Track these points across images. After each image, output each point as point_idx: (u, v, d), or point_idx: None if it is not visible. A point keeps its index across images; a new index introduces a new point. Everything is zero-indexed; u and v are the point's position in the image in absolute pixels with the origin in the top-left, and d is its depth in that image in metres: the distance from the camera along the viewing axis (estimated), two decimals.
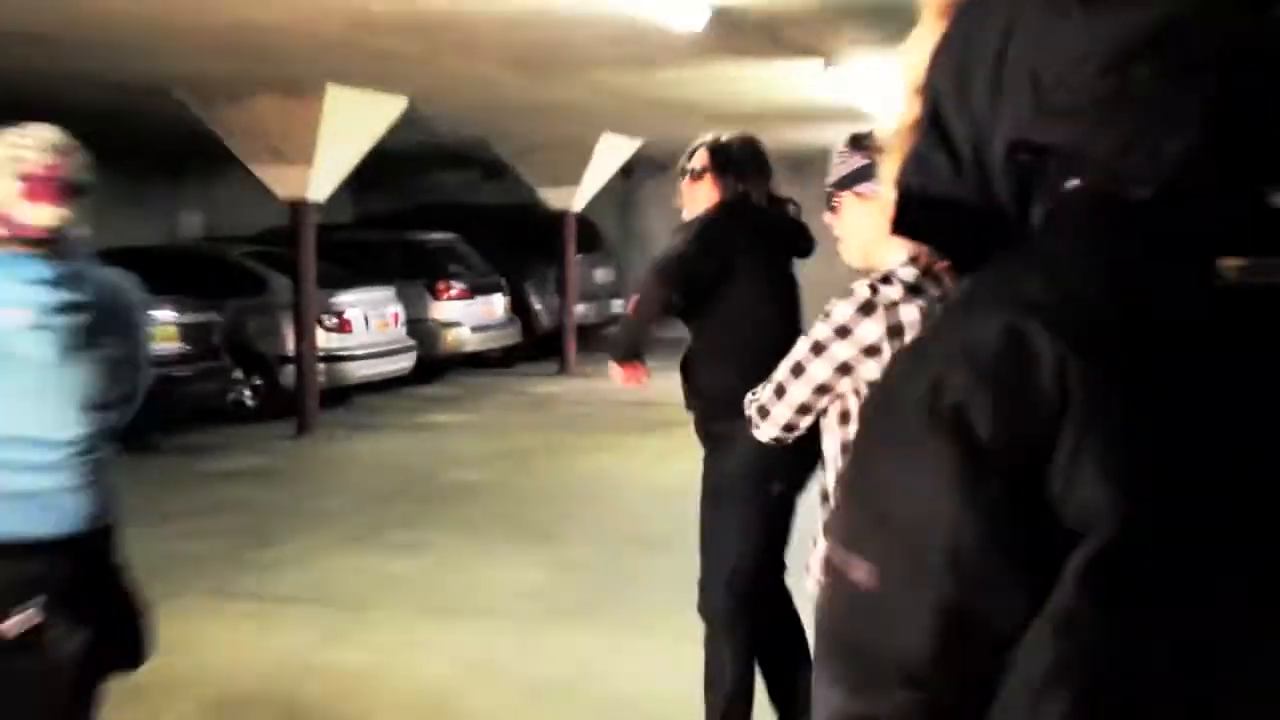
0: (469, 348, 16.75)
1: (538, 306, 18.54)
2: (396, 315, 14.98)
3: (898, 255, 3.25)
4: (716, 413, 4.67)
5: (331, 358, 13.50)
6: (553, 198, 17.51)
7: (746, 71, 10.95)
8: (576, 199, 17.49)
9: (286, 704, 5.77)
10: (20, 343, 3.17)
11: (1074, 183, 1.32)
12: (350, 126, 12.33)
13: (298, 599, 7.35)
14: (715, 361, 4.76)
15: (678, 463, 11.43)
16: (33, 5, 7.98)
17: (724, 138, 4.89)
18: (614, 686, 5.99)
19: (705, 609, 4.90)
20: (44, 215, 3.14)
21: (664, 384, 16.39)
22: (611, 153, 17.36)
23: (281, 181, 12.51)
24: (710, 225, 4.77)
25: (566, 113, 14.11)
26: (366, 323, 14.37)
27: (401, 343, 15.06)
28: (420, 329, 15.57)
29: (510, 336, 17.65)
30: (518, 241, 18.34)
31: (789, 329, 4.62)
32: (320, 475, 11.01)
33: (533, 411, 14.74)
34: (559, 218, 17.68)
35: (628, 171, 19.33)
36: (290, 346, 13.10)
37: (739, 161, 4.83)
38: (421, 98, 12.55)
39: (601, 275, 20.10)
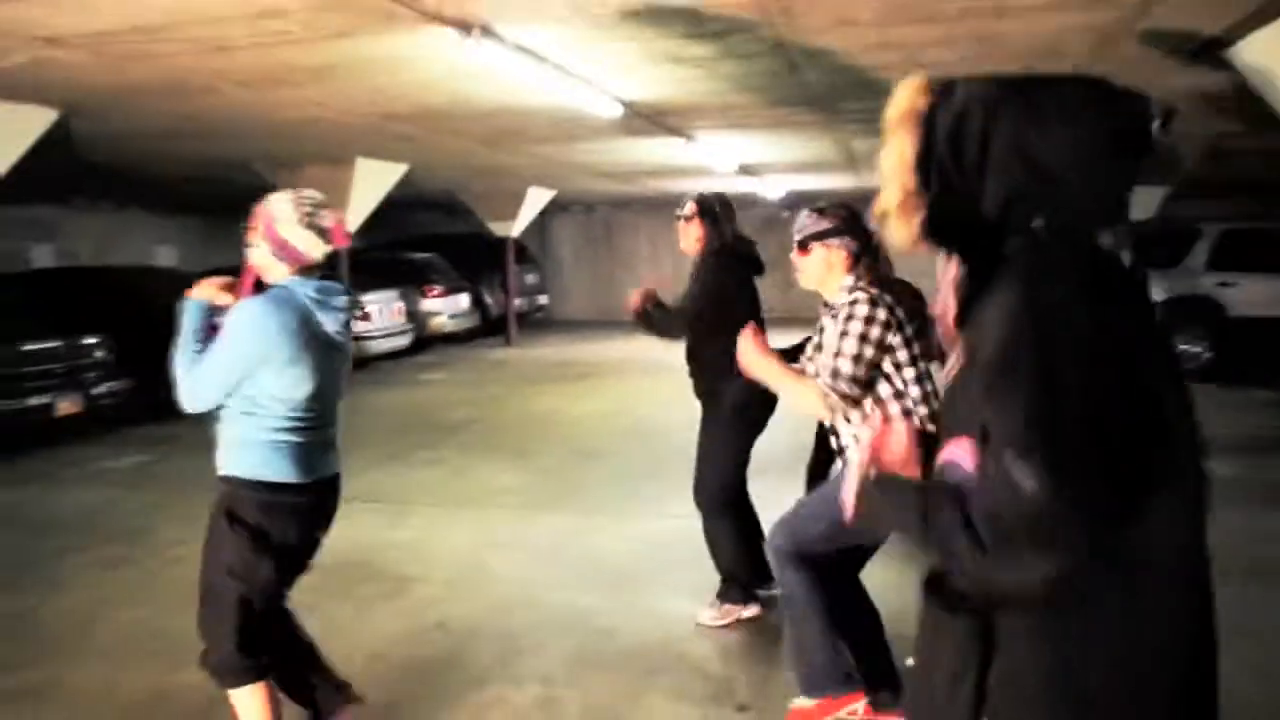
0: (447, 329, 16.60)
1: (489, 300, 18.47)
2: (399, 308, 14.81)
3: (843, 281, 3.59)
4: (716, 377, 4.70)
5: (359, 338, 13.32)
6: (498, 228, 17.39)
7: (634, 144, 10.96)
8: (514, 228, 17.40)
9: (371, 566, 5.74)
10: (339, 336, 3.21)
11: (1038, 221, 1.48)
12: (371, 185, 12.19)
13: (365, 498, 7.24)
14: (716, 345, 4.64)
15: (597, 402, 11.56)
16: (159, 109, 7.77)
17: (705, 193, 4.87)
18: (586, 548, 6.05)
19: (704, 501, 4.84)
20: (320, 252, 3.15)
21: (581, 350, 16.14)
22: (537, 198, 17.30)
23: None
24: (723, 261, 4.77)
25: (510, 172, 14.02)
26: (381, 314, 14.23)
27: (403, 327, 14.88)
28: (415, 317, 15.43)
29: (473, 321, 17.59)
30: (475, 257, 18.30)
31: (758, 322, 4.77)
32: (362, 415, 10.81)
33: (493, 371, 14.66)
34: (503, 241, 17.58)
35: (545, 211, 19.27)
36: None
37: (717, 209, 4.80)
38: (417, 165, 12.41)
39: (530, 279, 20.14)
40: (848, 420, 3.50)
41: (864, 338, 3.41)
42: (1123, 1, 5.34)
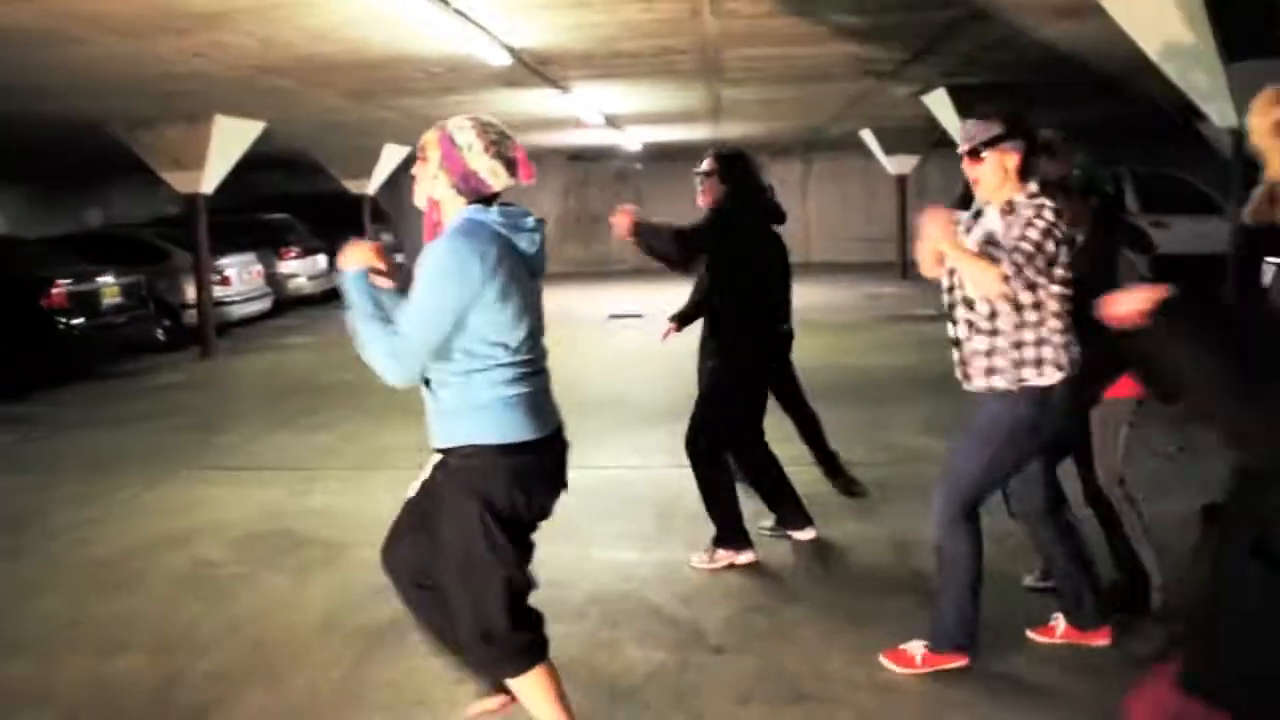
0: (305, 291, 15.99)
1: None
2: (258, 271, 14.18)
3: (1021, 187, 3.43)
4: (732, 329, 4.67)
5: (219, 303, 12.70)
6: (353, 186, 16.88)
7: (509, 95, 10.71)
8: (370, 186, 16.88)
9: (294, 534, 5.49)
10: (533, 263, 2.85)
11: None
12: (229, 144, 11.57)
13: (260, 467, 6.95)
14: (733, 298, 4.65)
15: None
16: (18, 62, 7.15)
17: (724, 150, 4.75)
18: None
19: (699, 449, 4.72)
20: (504, 183, 2.82)
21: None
22: (393, 155, 16.78)
23: (181, 182, 11.60)
24: (738, 212, 4.68)
25: (369, 129, 13.54)
26: (240, 277, 13.59)
27: (263, 290, 14.29)
28: (273, 280, 14.81)
29: (330, 283, 16.86)
30: (329, 217, 17.56)
31: (783, 275, 4.77)
32: (232, 383, 10.40)
33: None
34: (359, 200, 17.03)
35: (395, 169, 18.72)
36: (189, 297, 12.27)
37: (736, 162, 4.70)
38: (275, 122, 11.85)
39: (386, 238, 19.43)
40: (994, 313, 3.41)
41: (1048, 236, 3.32)
42: None
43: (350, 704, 3.64)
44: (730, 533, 4.73)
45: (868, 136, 18.09)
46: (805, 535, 5.00)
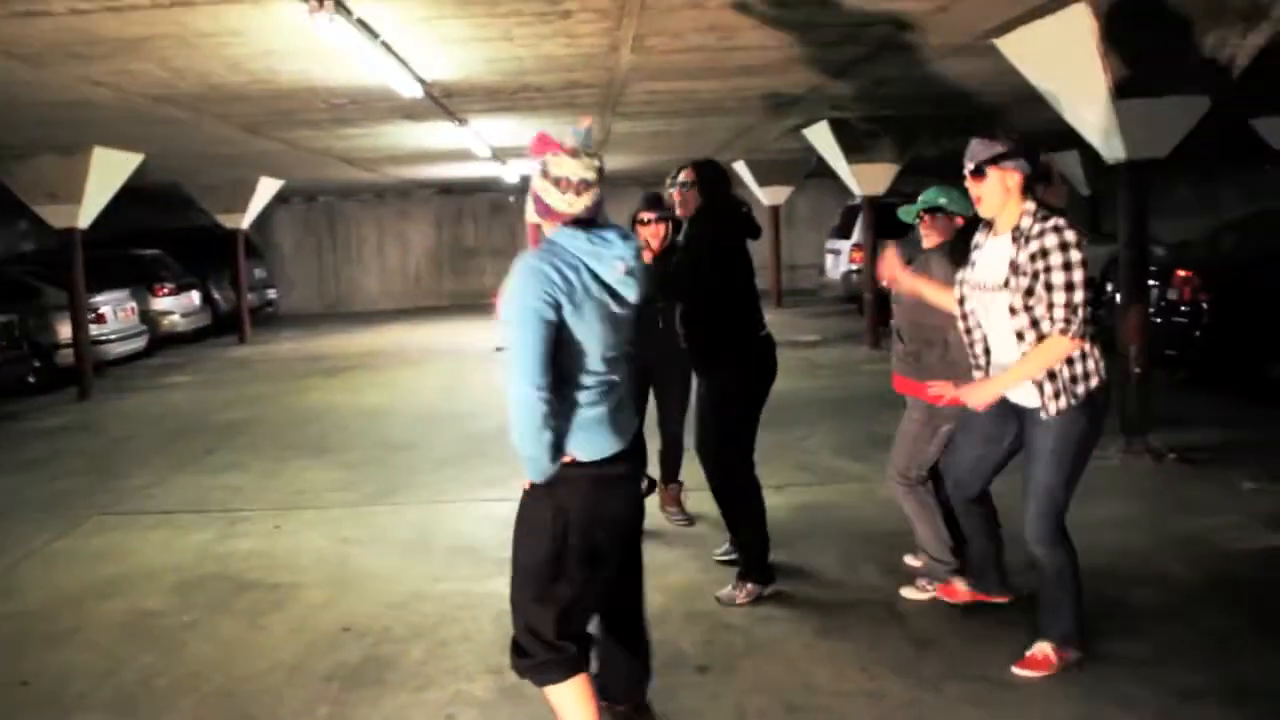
0: (179, 329, 15.44)
1: (218, 297, 17.27)
2: (132, 308, 13.60)
3: (1025, 206, 3.58)
4: (716, 343, 4.59)
5: (95, 341, 12.10)
6: (227, 220, 16.31)
7: (405, 129, 10.60)
8: (245, 220, 16.37)
9: (233, 578, 5.27)
10: (622, 284, 2.86)
11: None
12: (107, 177, 11.09)
13: (176, 510, 6.65)
14: (717, 309, 4.61)
15: (372, 395, 11.10)
16: None
17: (698, 160, 4.75)
18: (448, 535, 5.85)
19: (712, 467, 4.69)
20: (578, 208, 2.83)
21: (320, 344, 15.41)
22: (267, 188, 16.35)
23: (56, 216, 11.02)
24: (717, 224, 4.67)
25: (250, 160, 13.16)
26: (115, 315, 13.00)
27: (138, 328, 13.69)
28: (146, 317, 14.23)
29: (204, 319, 16.41)
30: (200, 252, 17.05)
31: (750, 286, 4.71)
32: (119, 425, 9.89)
33: (238, 370, 13.71)
34: (232, 235, 16.48)
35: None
36: (63, 336, 11.64)
37: (713, 175, 4.70)
38: (154, 154, 11.41)
39: (258, 273, 18.97)
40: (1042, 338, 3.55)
41: (1084, 264, 3.46)
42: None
43: None
44: (759, 566, 4.66)
45: (742, 168, 18.49)
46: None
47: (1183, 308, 8.24)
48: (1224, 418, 7.90)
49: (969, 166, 3.63)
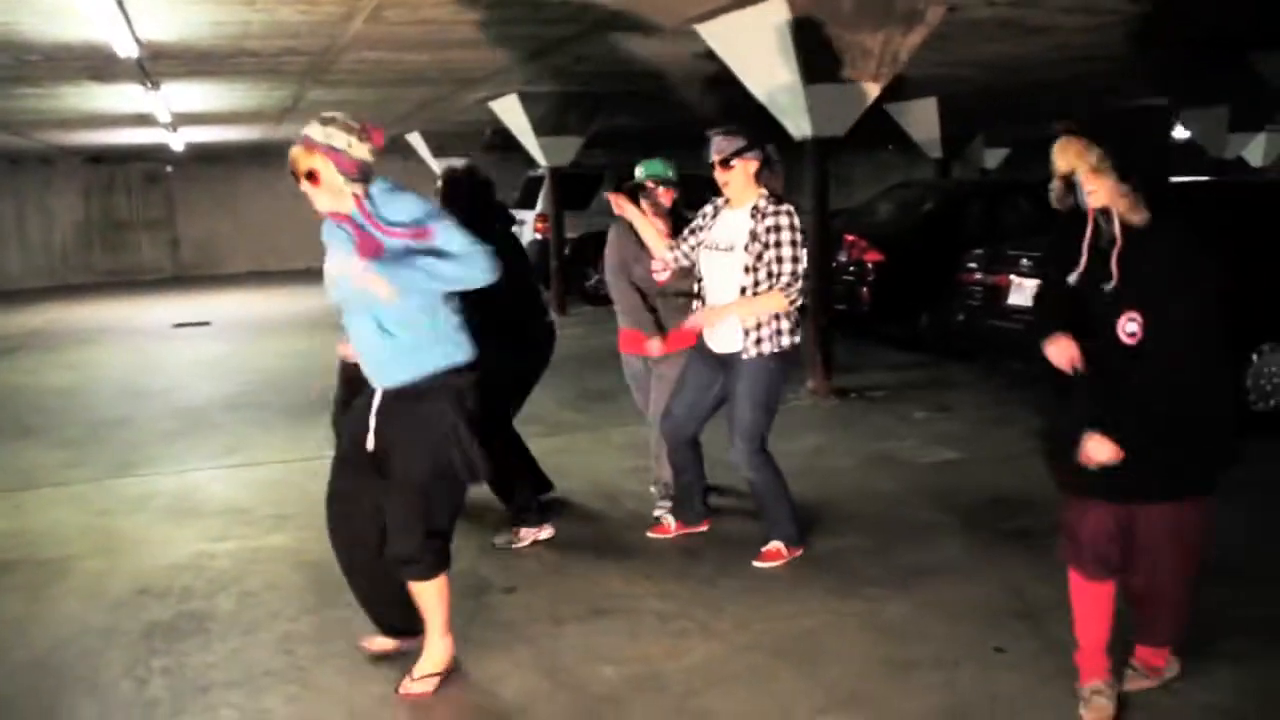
0: None
1: None
2: None
3: (761, 191, 4.38)
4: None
5: None
6: None
7: (89, 90, 9.98)
8: None
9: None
10: None
11: None
12: None
13: None
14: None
15: (56, 374, 10.42)
16: None
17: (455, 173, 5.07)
18: (212, 499, 5.86)
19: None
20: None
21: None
22: None
23: None
24: None
25: None
26: None
27: None
28: None
29: None
30: None
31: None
32: None
33: None
34: None
35: None
36: None
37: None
38: None
39: None
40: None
41: (805, 243, 4.30)
42: None
43: (193, 690, 3.63)
44: (527, 512, 5.04)
45: (415, 139, 18.54)
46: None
47: (851, 268, 9.49)
48: (889, 362, 9.24)
49: (717, 158, 4.36)
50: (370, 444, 3.43)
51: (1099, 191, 2.95)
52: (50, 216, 21.10)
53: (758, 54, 7.42)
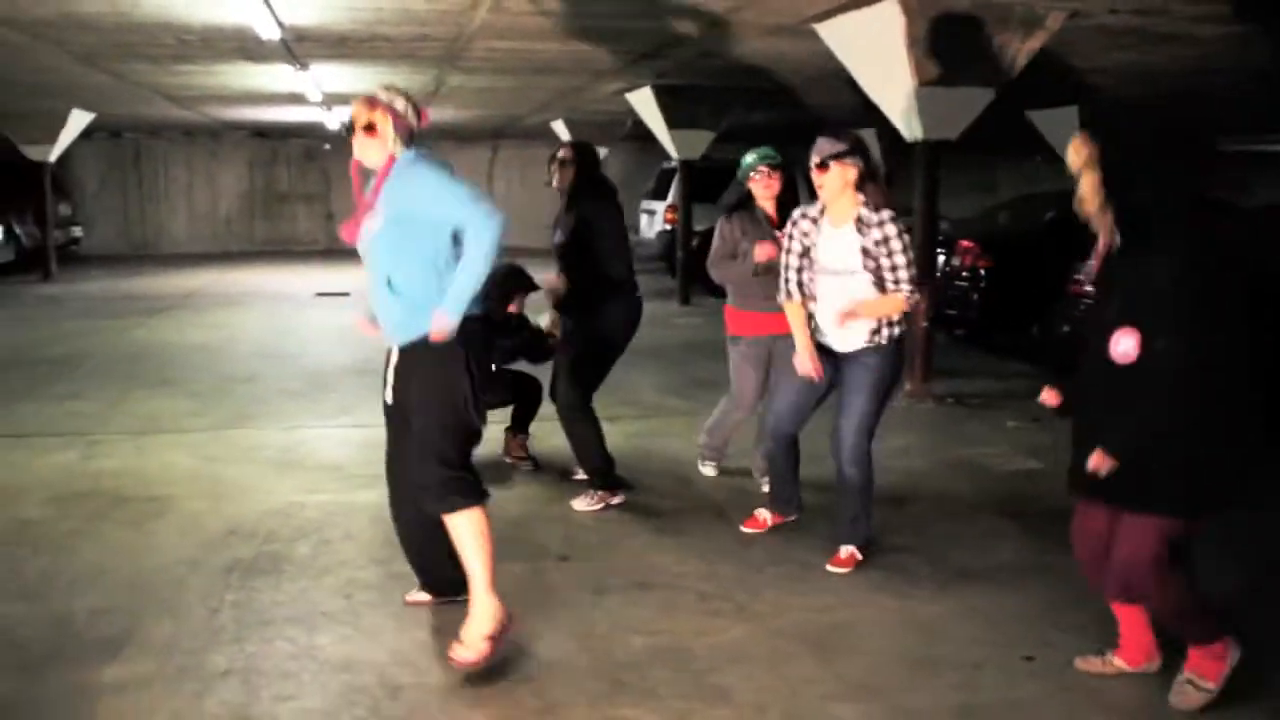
0: None
1: (19, 232, 16.53)
2: None
3: (859, 198, 4.33)
4: (593, 294, 5.24)
5: None
6: (33, 152, 15.66)
7: (244, 69, 10.64)
8: (53, 153, 15.76)
9: (106, 493, 5.51)
10: None
11: None
12: None
13: (37, 434, 6.74)
14: (591, 270, 5.27)
15: (202, 332, 11.12)
16: None
17: (575, 140, 5.44)
18: (311, 454, 6.26)
19: (566, 406, 5.25)
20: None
21: (131, 284, 15.22)
22: (77, 121, 15.74)
23: None
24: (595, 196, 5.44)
25: (65, 92, 12.76)
26: None
27: None
28: None
29: (7, 255, 15.80)
30: (3, 185, 16.25)
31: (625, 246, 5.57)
32: None
33: (51, 307, 13.27)
34: (39, 168, 15.84)
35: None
36: None
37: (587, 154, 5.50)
38: None
39: (64, 210, 18.19)
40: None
41: (910, 244, 4.34)
42: None
43: (257, 623, 3.95)
44: (606, 476, 5.30)
45: (559, 127, 18.98)
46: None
47: (964, 274, 9.37)
48: (993, 370, 9.10)
49: (815, 160, 4.28)
50: (389, 397, 3.74)
51: (1086, 195, 2.93)
52: (216, 186, 22.40)
53: (872, 54, 7.43)
